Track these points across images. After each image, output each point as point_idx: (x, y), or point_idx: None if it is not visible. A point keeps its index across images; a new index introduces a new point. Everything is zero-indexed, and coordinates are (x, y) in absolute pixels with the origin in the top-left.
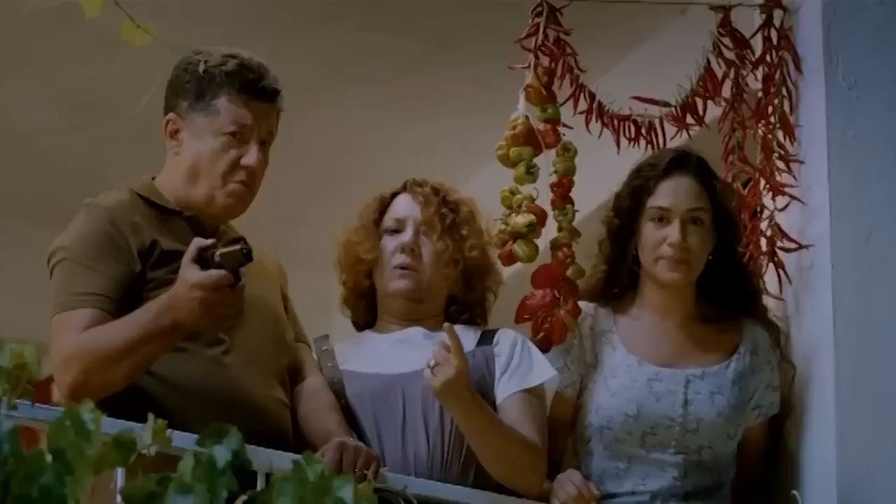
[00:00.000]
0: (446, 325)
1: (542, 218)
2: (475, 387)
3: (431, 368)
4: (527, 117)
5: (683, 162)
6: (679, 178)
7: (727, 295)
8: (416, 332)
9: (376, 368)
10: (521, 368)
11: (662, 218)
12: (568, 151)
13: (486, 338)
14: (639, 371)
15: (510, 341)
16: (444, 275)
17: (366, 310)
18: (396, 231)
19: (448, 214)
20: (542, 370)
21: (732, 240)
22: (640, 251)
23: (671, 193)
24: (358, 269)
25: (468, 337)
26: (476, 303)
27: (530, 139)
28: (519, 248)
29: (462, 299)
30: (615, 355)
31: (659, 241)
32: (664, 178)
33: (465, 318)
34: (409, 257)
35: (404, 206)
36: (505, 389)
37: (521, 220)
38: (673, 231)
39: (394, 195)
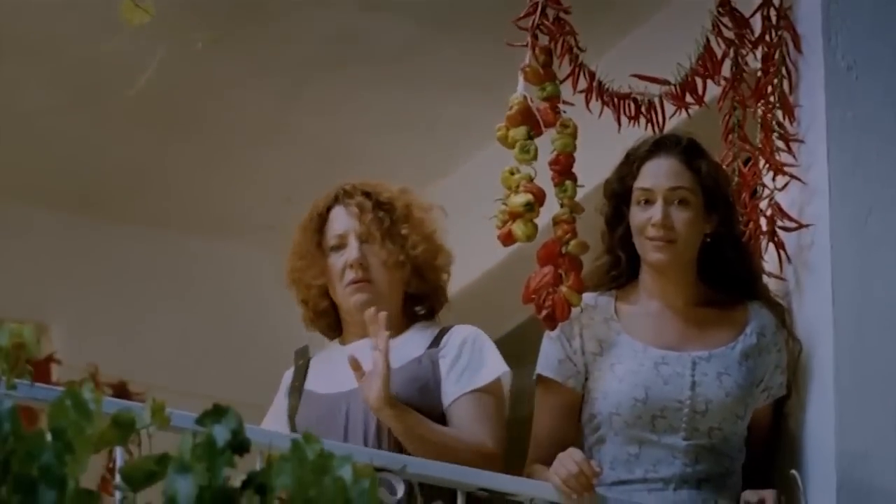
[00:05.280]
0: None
1: (540, 197)
2: (417, 395)
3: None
4: (524, 97)
5: (667, 143)
6: (661, 158)
7: (728, 277)
8: (366, 343)
9: (327, 388)
10: (470, 368)
11: (647, 200)
12: (566, 128)
13: (438, 339)
14: (645, 355)
15: (459, 340)
16: (396, 278)
17: (329, 327)
18: (339, 247)
19: (385, 218)
20: (494, 367)
21: (729, 221)
22: (633, 235)
23: (652, 174)
24: (311, 292)
25: (421, 340)
26: (431, 291)
27: (527, 119)
28: (517, 228)
29: (417, 293)
30: (619, 342)
31: (644, 223)
32: (647, 159)
33: (425, 312)
34: (358, 271)
35: (341, 221)
36: (452, 392)
37: (519, 199)
38: (656, 211)
39: (329, 209)
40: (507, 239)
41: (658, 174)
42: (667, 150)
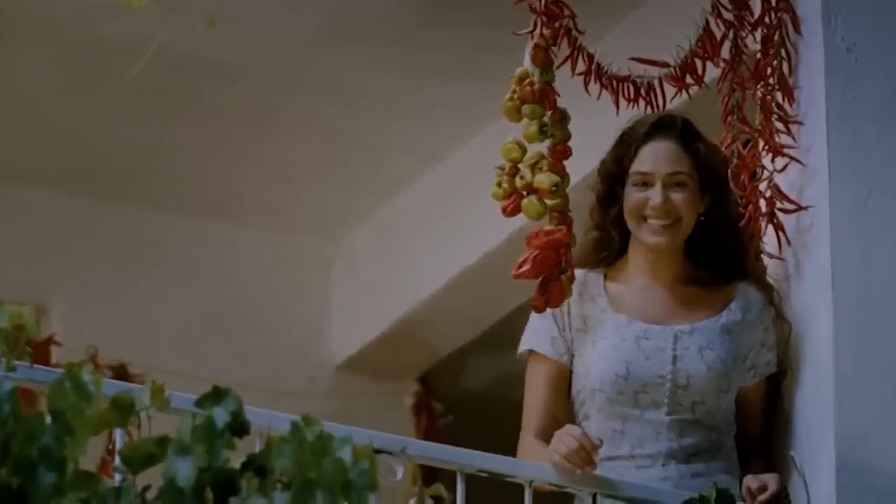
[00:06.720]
0: None
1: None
2: None
3: None
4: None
5: (665, 125)
6: (660, 141)
7: (718, 257)
8: None
9: None
10: None
11: (645, 182)
12: (565, 119)
13: None
14: (627, 330)
15: None
16: None
17: None
18: None
19: None
20: None
21: (722, 202)
22: (625, 215)
23: (651, 158)
24: None
25: None
26: None
27: (542, 98)
28: (530, 204)
29: None
30: (604, 318)
31: (641, 205)
32: (645, 142)
33: None
34: None
35: None
36: None
37: (547, 179)
38: (655, 195)
39: None
40: (514, 211)
41: (657, 158)
42: (664, 133)
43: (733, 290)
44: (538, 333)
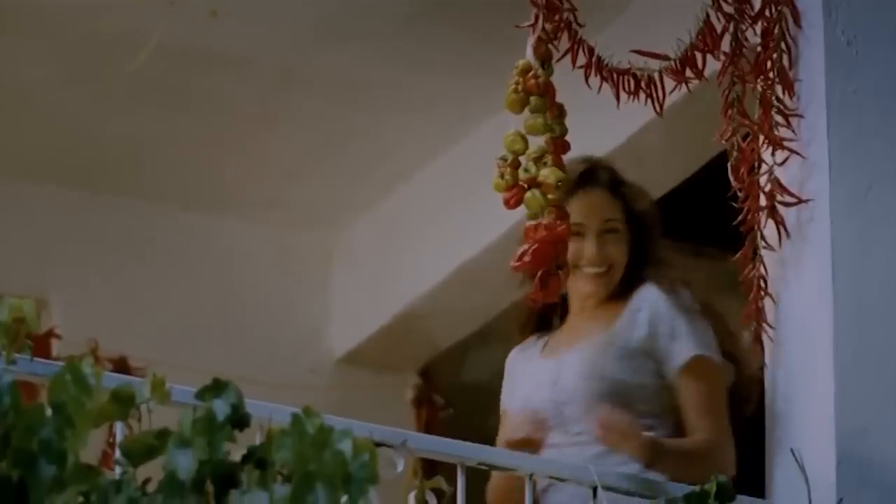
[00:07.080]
0: None
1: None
2: None
3: None
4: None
5: (592, 176)
6: (589, 191)
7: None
8: None
9: None
10: None
11: (577, 233)
12: (563, 114)
13: None
14: (531, 372)
15: None
16: None
17: None
18: None
19: None
20: None
21: (645, 240)
22: None
23: (584, 208)
24: None
25: None
26: None
27: (545, 90)
28: (534, 197)
29: None
30: (527, 367)
31: (575, 255)
32: (574, 193)
33: None
34: None
35: None
36: None
37: (553, 174)
38: (588, 245)
39: None
40: (516, 204)
41: (589, 208)
42: (594, 183)
43: (632, 294)
44: (506, 391)
